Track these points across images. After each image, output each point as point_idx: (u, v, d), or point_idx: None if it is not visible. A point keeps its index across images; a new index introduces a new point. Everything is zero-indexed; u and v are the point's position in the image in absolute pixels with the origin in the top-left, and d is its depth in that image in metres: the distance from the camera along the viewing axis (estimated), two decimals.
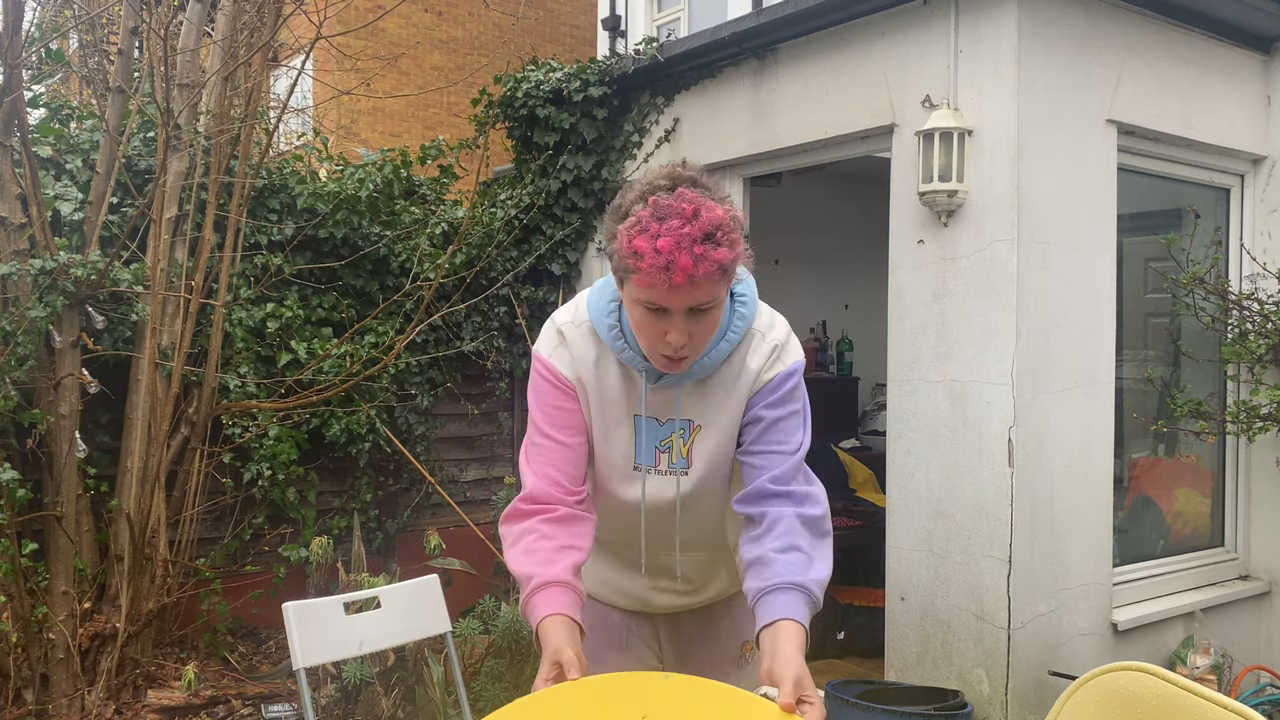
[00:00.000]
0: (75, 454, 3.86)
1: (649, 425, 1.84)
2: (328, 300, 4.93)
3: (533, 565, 1.69)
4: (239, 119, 4.55)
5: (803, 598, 1.63)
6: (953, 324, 3.77)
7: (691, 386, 1.82)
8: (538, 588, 1.66)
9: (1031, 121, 3.64)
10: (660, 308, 1.61)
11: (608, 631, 2.07)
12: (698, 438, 1.84)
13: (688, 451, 1.85)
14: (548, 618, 1.62)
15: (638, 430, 1.85)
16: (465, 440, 5.54)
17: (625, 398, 1.84)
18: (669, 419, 1.83)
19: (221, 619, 4.50)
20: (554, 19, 12.63)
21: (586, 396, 1.85)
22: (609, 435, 1.87)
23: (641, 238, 1.54)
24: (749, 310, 1.81)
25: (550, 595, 1.65)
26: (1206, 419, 4.30)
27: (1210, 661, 3.98)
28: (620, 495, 1.91)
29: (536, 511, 1.77)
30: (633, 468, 1.88)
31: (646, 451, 1.86)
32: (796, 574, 1.65)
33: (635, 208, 1.57)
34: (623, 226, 1.58)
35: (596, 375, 1.83)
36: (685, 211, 1.53)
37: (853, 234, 6.76)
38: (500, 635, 3.65)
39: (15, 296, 3.76)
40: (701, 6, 9.10)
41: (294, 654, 2.38)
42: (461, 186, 6.25)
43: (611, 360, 1.83)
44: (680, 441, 1.84)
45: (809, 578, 1.65)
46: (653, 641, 2.12)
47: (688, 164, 1.64)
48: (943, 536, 3.79)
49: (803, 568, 1.66)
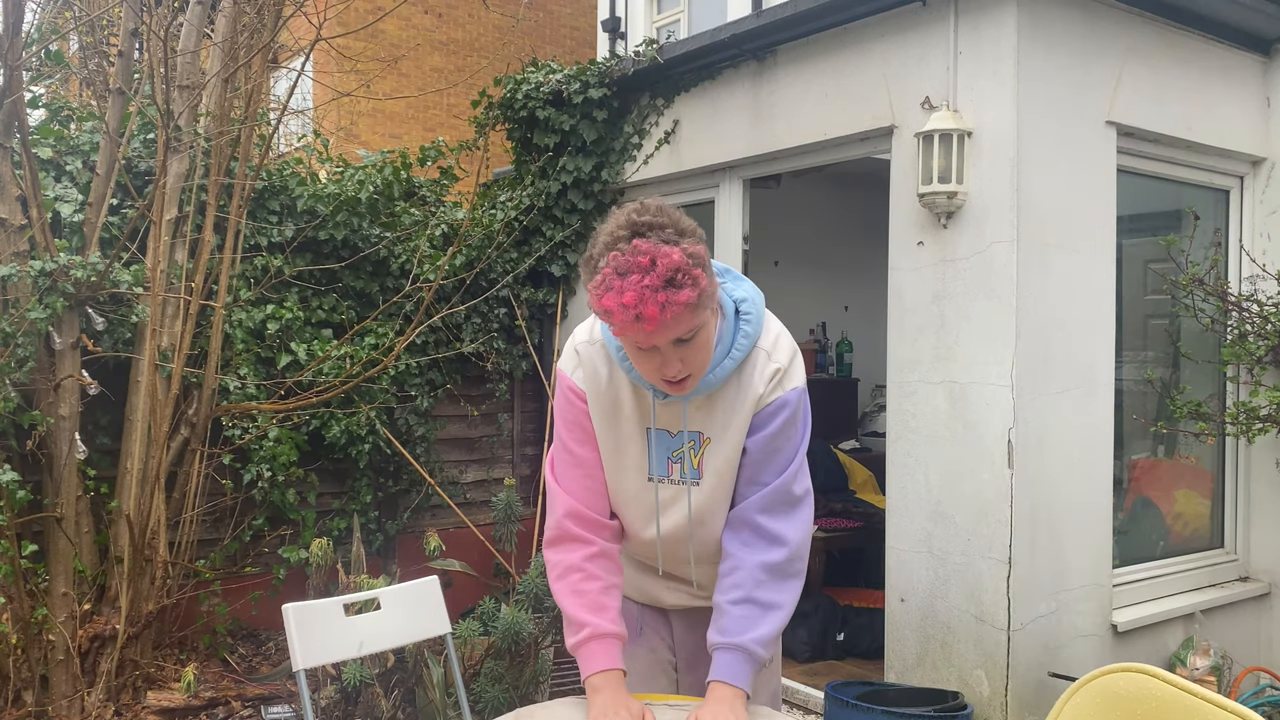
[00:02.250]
0: (75, 455, 3.86)
1: (660, 436, 1.94)
2: (328, 302, 4.93)
3: (584, 611, 1.90)
4: (239, 120, 4.55)
5: (742, 658, 1.84)
6: (952, 325, 3.77)
7: (699, 401, 1.90)
8: (591, 638, 1.88)
9: (1031, 123, 3.64)
10: (648, 346, 1.72)
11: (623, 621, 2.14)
12: (707, 450, 1.92)
13: (699, 463, 1.93)
14: (603, 673, 1.86)
15: (650, 442, 1.94)
16: (465, 442, 5.54)
17: (638, 411, 1.94)
18: (679, 431, 1.92)
19: (221, 620, 4.50)
20: (554, 21, 12.64)
21: (600, 412, 1.95)
22: (623, 447, 1.96)
23: (608, 296, 1.63)
24: (754, 329, 1.88)
25: (603, 648, 1.87)
26: (1206, 420, 4.30)
27: (1210, 663, 3.98)
28: (636, 505, 1.99)
29: (579, 540, 1.95)
30: (647, 479, 1.97)
31: (659, 462, 1.95)
32: (740, 633, 1.85)
33: (601, 262, 1.66)
34: (591, 286, 1.68)
35: (610, 390, 1.94)
36: (643, 264, 1.62)
37: (852, 235, 6.76)
38: (500, 637, 3.64)
39: (15, 298, 3.76)
40: (701, 8, 9.10)
41: (294, 655, 2.38)
42: (461, 188, 6.25)
43: (624, 375, 1.93)
44: (691, 453, 1.93)
45: (748, 637, 1.85)
46: (666, 635, 2.19)
47: (645, 205, 1.71)
48: (942, 538, 3.80)
49: (750, 624, 1.86)
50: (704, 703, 1.83)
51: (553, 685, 3.89)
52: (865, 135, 4.15)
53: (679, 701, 1.94)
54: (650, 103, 5.15)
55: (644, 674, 2.16)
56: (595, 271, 1.67)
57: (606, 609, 1.90)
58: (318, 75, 9.53)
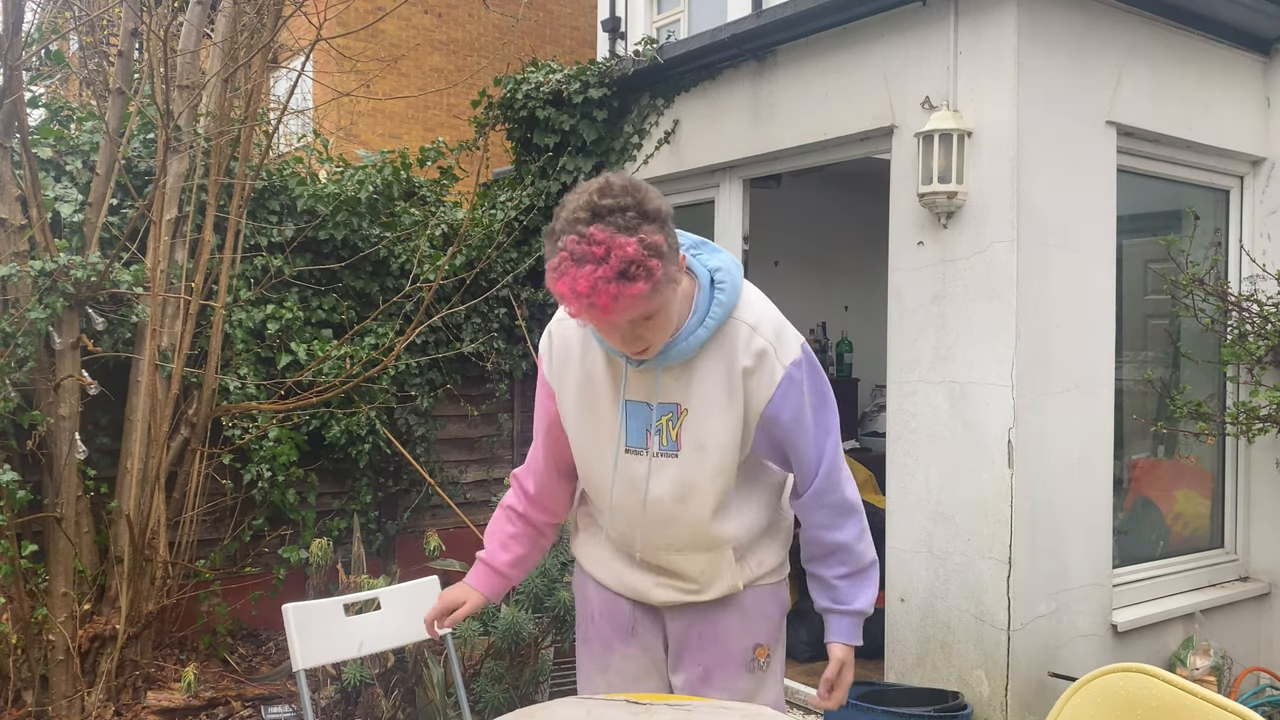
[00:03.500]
0: (75, 455, 3.85)
1: (635, 409, 1.93)
2: (328, 302, 4.93)
3: (491, 540, 2.21)
4: (239, 120, 4.55)
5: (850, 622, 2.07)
6: (952, 325, 3.77)
7: (676, 370, 1.89)
8: (479, 560, 2.20)
9: (1031, 123, 3.64)
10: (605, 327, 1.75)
11: (615, 619, 2.16)
12: (685, 421, 1.91)
13: (676, 435, 1.92)
14: (464, 584, 2.18)
15: (624, 414, 1.94)
16: (465, 441, 5.55)
17: (612, 382, 1.94)
18: (658, 402, 1.91)
19: (221, 620, 4.50)
20: (554, 20, 12.64)
21: (574, 387, 1.99)
22: (599, 420, 1.97)
23: (562, 281, 1.63)
24: (728, 297, 1.87)
25: (478, 570, 2.19)
26: (1206, 420, 4.30)
27: (1210, 663, 3.98)
28: (609, 477, 2.01)
29: (516, 494, 2.21)
30: (624, 450, 1.96)
31: (636, 433, 1.95)
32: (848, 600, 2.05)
33: (559, 241, 1.65)
34: (549, 265, 1.67)
35: (585, 366, 1.97)
36: (597, 255, 1.60)
37: (852, 235, 6.76)
38: (500, 637, 3.64)
39: (15, 298, 3.76)
40: (701, 8, 9.10)
41: (294, 655, 2.38)
42: (461, 188, 6.25)
43: (598, 348, 1.94)
44: (670, 425, 1.92)
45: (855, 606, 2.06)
46: (660, 634, 2.16)
47: (610, 183, 1.68)
48: (942, 538, 3.80)
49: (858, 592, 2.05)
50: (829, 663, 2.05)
51: (553, 685, 3.89)
52: (865, 135, 4.15)
53: (679, 701, 1.94)
54: (650, 103, 5.15)
55: (635, 675, 2.14)
56: (555, 250, 1.66)
57: (505, 549, 2.19)
58: (318, 75, 9.53)
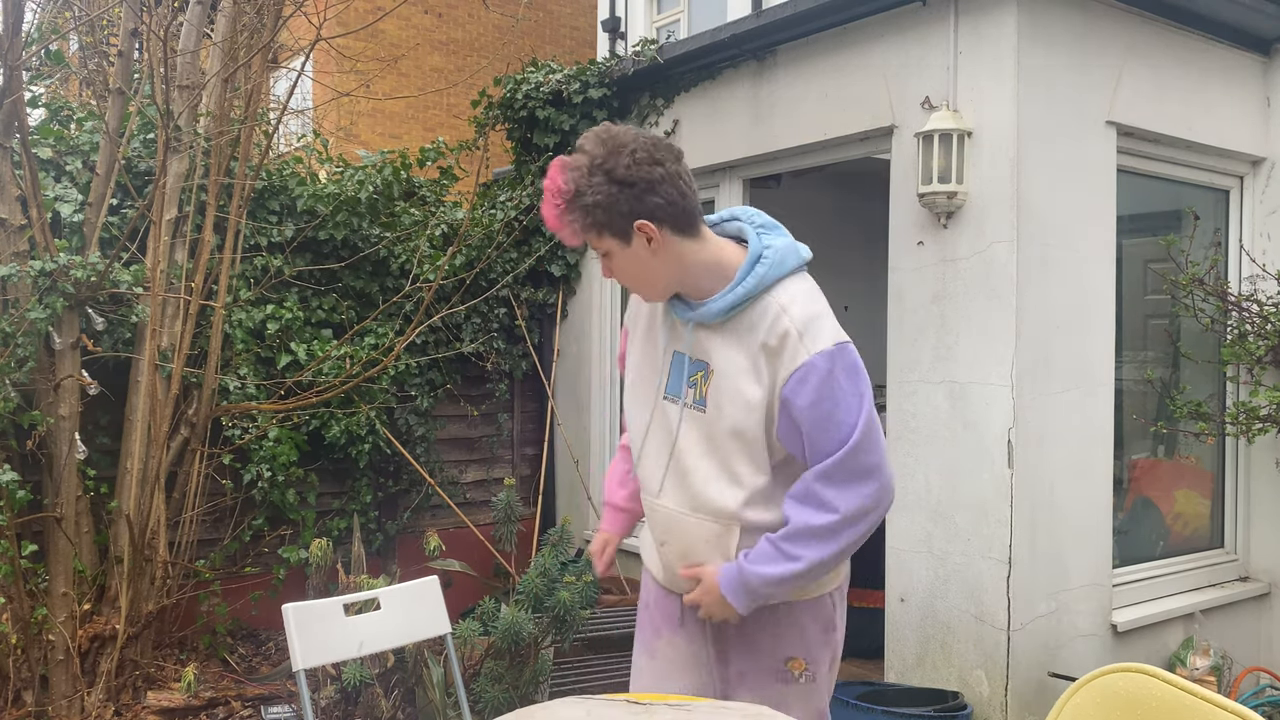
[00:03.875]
0: (75, 455, 3.85)
1: (680, 361, 2.10)
2: (327, 302, 4.93)
3: (608, 482, 2.45)
4: (239, 120, 4.55)
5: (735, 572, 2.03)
6: (952, 325, 3.77)
7: (709, 331, 2.03)
8: (605, 504, 2.45)
9: (1031, 123, 3.64)
10: None
11: (666, 609, 2.26)
12: (713, 381, 2.03)
13: (705, 392, 2.05)
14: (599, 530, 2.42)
15: (671, 363, 2.12)
16: (465, 442, 5.54)
17: (667, 331, 2.13)
18: (693, 359, 2.07)
19: (221, 620, 4.50)
20: (553, 21, 12.64)
21: (638, 332, 2.21)
22: (652, 363, 2.15)
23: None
24: (767, 272, 2.00)
25: (605, 513, 2.44)
26: (1206, 420, 4.30)
27: (1210, 663, 3.98)
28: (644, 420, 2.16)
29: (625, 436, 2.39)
30: (664, 396, 2.12)
31: (675, 383, 2.10)
32: (751, 561, 2.01)
33: None
34: None
35: (648, 313, 2.20)
36: (550, 176, 1.96)
37: (852, 235, 6.75)
38: (500, 637, 3.64)
39: (15, 298, 3.76)
40: (701, 8, 9.11)
41: (294, 655, 2.38)
42: (461, 188, 6.25)
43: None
44: (702, 381, 2.06)
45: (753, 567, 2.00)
46: (706, 627, 2.21)
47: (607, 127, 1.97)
48: (942, 538, 3.80)
49: (762, 559, 2.00)
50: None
51: (553, 685, 3.89)
52: (865, 135, 4.15)
53: (679, 701, 1.94)
54: (650, 103, 5.15)
55: (680, 663, 2.21)
56: None
57: (622, 484, 2.39)
58: (318, 75, 9.53)
